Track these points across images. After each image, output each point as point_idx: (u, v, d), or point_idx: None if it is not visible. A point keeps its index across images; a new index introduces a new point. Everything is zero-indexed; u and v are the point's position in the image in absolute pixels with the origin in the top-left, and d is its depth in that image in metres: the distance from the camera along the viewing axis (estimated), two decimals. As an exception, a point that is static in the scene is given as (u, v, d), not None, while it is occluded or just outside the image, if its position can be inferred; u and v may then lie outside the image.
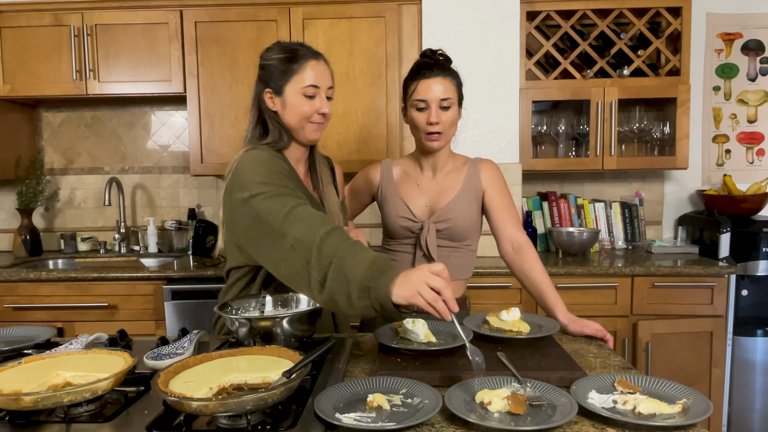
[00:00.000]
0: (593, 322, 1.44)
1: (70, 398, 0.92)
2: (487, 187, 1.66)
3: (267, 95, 1.43)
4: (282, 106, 1.42)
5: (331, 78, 1.46)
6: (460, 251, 1.67)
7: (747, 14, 3.11)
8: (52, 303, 2.59)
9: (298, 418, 0.93)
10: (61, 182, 3.26)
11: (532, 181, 3.19)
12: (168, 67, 2.82)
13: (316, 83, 1.40)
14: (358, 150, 2.81)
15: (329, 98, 1.45)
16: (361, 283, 1.06)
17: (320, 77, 1.41)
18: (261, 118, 1.46)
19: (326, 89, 1.43)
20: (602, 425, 0.93)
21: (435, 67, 1.57)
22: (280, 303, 1.38)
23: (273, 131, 1.44)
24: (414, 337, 1.27)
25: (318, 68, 1.42)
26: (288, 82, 1.40)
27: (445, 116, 1.57)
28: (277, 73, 1.41)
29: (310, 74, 1.40)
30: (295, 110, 1.41)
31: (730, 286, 2.57)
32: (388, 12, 2.74)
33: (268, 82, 1.42)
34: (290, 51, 1.41)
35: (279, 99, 1.42)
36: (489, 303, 2.53)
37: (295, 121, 1.42)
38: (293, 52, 1.41)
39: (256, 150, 1.39)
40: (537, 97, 2.83)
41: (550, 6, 2.80)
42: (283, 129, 1.44)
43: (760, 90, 3.15)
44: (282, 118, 1.43)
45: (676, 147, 2.82)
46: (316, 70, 1.41)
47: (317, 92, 1.41)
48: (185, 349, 1.24)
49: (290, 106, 1.41)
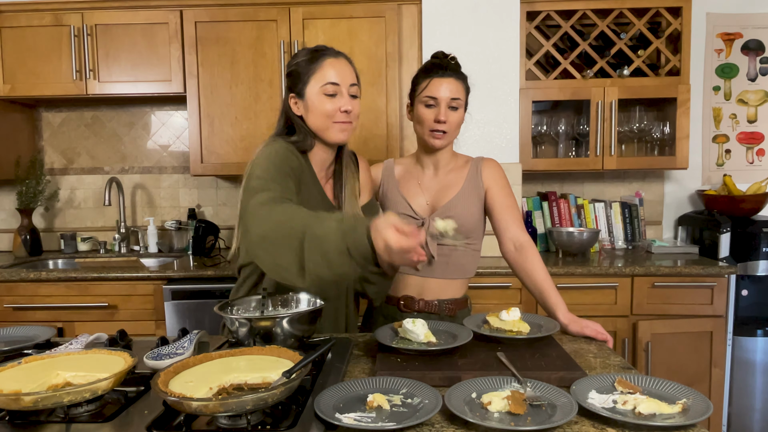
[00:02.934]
0: (594, 323, 1.44)
1: (70, 398, 0.92)
2: (489, 186, 1.66)
3: (292, 101, 1.43)
4: (305, 109, 1.42)
5: (355, 75, 1.43)
6: (462, 249, 1.68)
7: (747, 14, 3.11)
8: (52, 303, 2.59)
9: (298, 418, 0.93)
10: (61, 182, 3.26)
11: (532, 181, 3.19)
12: (168, 67, 2.82)
13: (335, 80, 1.39)
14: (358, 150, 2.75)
15: (354, 96, 1.43)
16: (338, 247, 1.02)
17: (341, 74, 1.39)
18: (288, 124, 1.46)
19: (348, 86, 1.41)
20: (602, 425, 0.93)
21: (448, 68, 1.59)
22: (280, 303, 1.38)
23: (298, 134, 1.43)
24: (414, 337, 1.27)
25: (338, 65, 1.40)
26: (308, 83, 1.40)
27: (453, 116, 1.59)
28: (299, 77, 1.41)
29: (330, 72, 1.39)
30: (318, 110, 1.39)
31: (730, 286, 2.57)
32: (388, 12, 2.74)
33: (292, 87, 1.43)
34: (311, 52, 1.42)
35: (302, 102, 1.42)
36: (489, 303, 2.53)
37: (320, 122, 1.40)
38: (314, 53, 1.41)
39: (275, 143, 1.39)
40: (537, 97, 2.83)
41: (550, 6, 2.80)
42: (309, 132, 1.43)
43: (760, 90, 3.15)
44: (307, 122, 1.42)
45: (676, 147, 2.82)
46: (336, 68, 1.39)
47: (338, 90, 1.39)
48: (185, 349, 1.24)
49: (312, 107, 1.40)
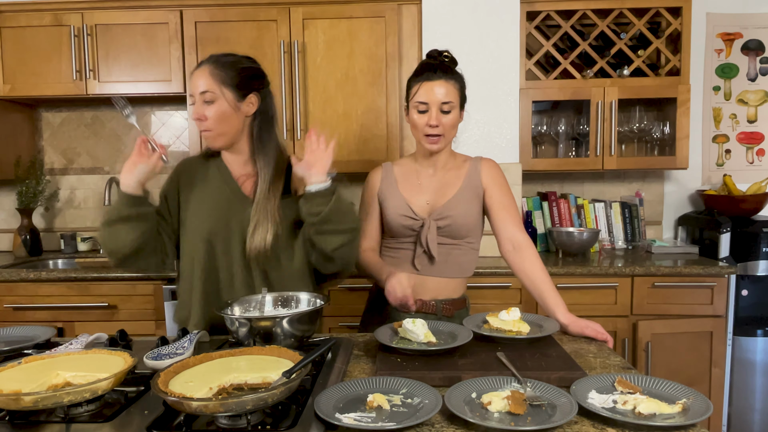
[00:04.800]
0: (594, 323, 1.43)
1: (70, 398, 0.92)
2: (487, 186, 1.66)
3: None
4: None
5: (210, 83, 1.47)
6: (461, 248, 1.68)
7: (747, 14, 3.11)
8: (52, 303, 2.59)
9: (298, 418, 0.93)
10: (61, 182, 3.26)
11: (532, 181, 3.19)
12: (168, 67, 2.82)
13: (192, 91, 1.49)
14: (358, 150, 2.81)
15: (209, 102, 1.48)
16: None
17: (194, 85, 1.48)
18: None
19: (199, 94, 1.47)
20: (602, 425, 0.93)
21: (439, 69, 1.57)
22: (280, 303, 1.38)
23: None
24: (414, 337, 1.27)
25: (197, 75, 1.48)
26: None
27: (446, 119, 1.57)
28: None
29: (193, 82, 1.51)
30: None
31: (730, 286, 2.57)
32: (388, 12, 2.74)
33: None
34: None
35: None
36: (489, 303, 2.52)
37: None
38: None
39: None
40: (537, 97, 2.83)
41: (550, 6, 2.80)
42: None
43: (760, 90, 3.15)
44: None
45: (676, 147, 2.82)
46: (195, 79, 1.49)
47: (194, 99, 1.49)
48: (185, 349, 1.24)
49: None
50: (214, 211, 1.52)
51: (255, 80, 1.53)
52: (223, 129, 1.49)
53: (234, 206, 1.52)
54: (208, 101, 1.47)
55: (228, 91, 1.47)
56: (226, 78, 1.47)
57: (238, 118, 1.50)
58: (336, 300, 2.55)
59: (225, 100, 1.47)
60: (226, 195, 1.54)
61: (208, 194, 1.54)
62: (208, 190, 1.55)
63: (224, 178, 1.55)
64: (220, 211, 1.52)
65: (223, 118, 1.47)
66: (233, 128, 1.50)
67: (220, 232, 1.50)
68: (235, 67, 1.49)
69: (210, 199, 1.53)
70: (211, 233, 1.50)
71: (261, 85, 1.54)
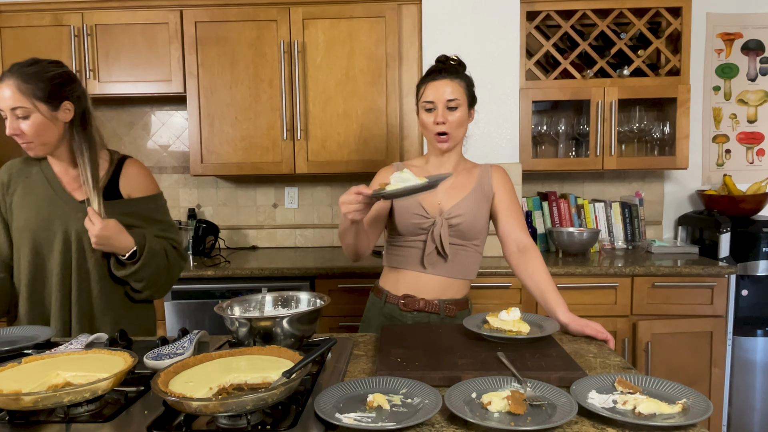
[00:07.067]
0: (594, 322, 1.44)
1: (70, 398, 0.92)
2: (497, 191, 1.70)
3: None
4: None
5: (17, 99, 1.47)
6: (468, 250, 1.69)
7: (747, 14, 3.11)
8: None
9: (298, 418, 0.93)
10: (61, 182, 3.26)
11: (532, 181, 3.19)
12: (168, 67, 2.82)
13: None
14: (358, 150, 2.81)
15: (20, 117, 1.48)
16: None
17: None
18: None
19: (9, 110, 1.48)
20: (602, 425, 0.93)
21: (444, 71, 1.62)
22: (280, 303, 1.38)
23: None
24: (408, 183, 1.31)
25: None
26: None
27: (452, 116, 1.60)
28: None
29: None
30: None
31: (730, 286, 2.57)
32: (388, 12, 2.74)
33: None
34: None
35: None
36: (489, 303, 2.53)
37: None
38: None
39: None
40: (537, 97, 2.83)
41: (550, 6, 2.80)
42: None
43: (760, 90, 3.15)
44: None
45: (676, 147, 2.82)
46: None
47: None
48: (185, 349, 1.24)
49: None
50: (39, 212, 1.56)
51: (66, 86, 1.52)
52: (44, 139, 1.51)
53: (58, 207, 1.56)
54: (22, 117, 1.46)
55: (41, 104, 1.47)
56: (36, 91, 1.46)
57: (56, 127, 1.52)
58: (336, 300, 2.55)
59: (40, 113, 1.47)
60: (50, 196, 1.57)
61: (33, 195, 1.58)
62: (33, 191, 1.58)
63: (48, 179, 1.59)
64: (45, 212, 1.56)
65: (42, 130, 1.49)
66: (54, 136, 1.52)
67: (43, 232, 1.56)
68: (42, 77, 1.47)
69: (34, 200, 1.57)
70: (35, 233, 1.55)
71: (73, 90, 1.54)
